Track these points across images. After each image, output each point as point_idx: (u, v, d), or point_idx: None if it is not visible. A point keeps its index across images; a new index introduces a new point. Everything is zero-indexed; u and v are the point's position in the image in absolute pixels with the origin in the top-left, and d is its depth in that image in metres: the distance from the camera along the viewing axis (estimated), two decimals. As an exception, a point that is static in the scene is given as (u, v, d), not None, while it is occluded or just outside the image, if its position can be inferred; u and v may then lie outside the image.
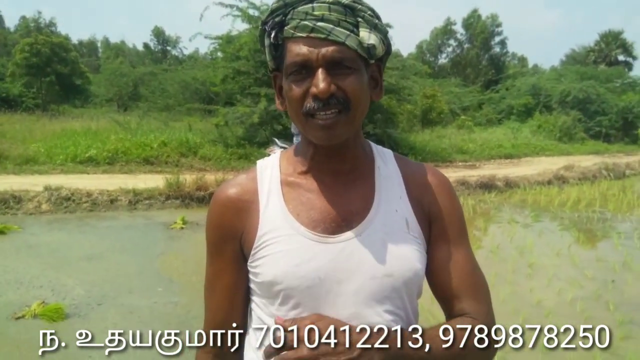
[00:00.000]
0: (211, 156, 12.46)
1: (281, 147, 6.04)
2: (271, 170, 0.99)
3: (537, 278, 5.54)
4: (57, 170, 10.14)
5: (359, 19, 0.88)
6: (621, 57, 42.27)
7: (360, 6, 0.88)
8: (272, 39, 0.91)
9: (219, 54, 16.60)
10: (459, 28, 41.86)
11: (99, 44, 58.11)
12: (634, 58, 42.56)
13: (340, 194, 0.95)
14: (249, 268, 0.96)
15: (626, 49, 42.12)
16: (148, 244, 6.28)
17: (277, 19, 0.89)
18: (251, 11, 13.68)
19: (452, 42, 42.20)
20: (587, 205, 10.08)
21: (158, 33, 51.97)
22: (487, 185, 11.49)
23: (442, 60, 43.12)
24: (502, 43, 40.35)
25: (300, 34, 0.86)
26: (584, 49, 44.40)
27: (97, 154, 11.15)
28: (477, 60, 39.56)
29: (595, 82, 27.44)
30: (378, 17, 0.90)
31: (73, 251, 5.78)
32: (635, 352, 3.77)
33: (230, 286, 0.98)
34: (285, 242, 0.91)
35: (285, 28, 0.88)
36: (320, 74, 0.84)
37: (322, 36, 0.85)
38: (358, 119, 0.91)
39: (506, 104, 27.77)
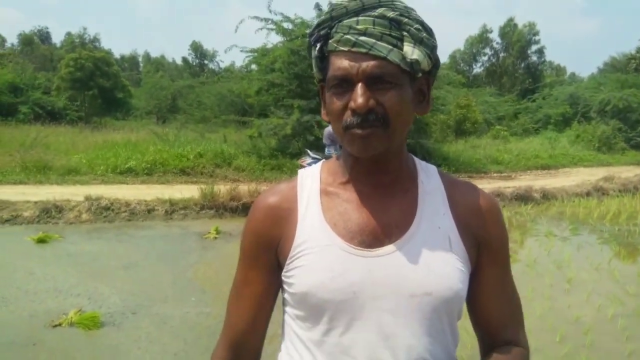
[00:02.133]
0: (245, 167, 12.64)
1: (313, 158, 6.17)
2: (311, 179, 0.99)
3: (576, 293, 5.36)
4: (97, 180, 10.48)
5: (404, 33, 0.86)
6: (664, 64, 40.73)
7: (406, 19, 0.86)
8: (317, 52, 0.92)
9: (254, 66, 16.87)
10: (494, 36, 41.32)
11: (140, 59, 60.02)
12: (679, 64, 40.97)
13: (380, 206, 0.93)
14: (283, 278, 0.95)
15: (670, 55, 40.56)
16: (182, 253, 6.38)
17: (322, 32, 0.90)
18: (285, 24, 13.89)
19: (487, 50, 41.66)
20: (628, 218, 9.70)
21: (196, 47, 53.26)
22: (523, 197, 11.21)
23: (477, 69, 42.60)
24: (540, 52, 39.57)
25: (343, 48, 0.86)
26: (624, 57, 42.97)
27: (136, 164, 11.47)
28: (513, 69, 38.90)
29: (636, 90, 26.51)
30: (427, 30, 0.89)
31: (110, 260, 5.93)
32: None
33: (258, 295, 0.97)
34: (321, 253, 0.89)
35: (330, 41, 0.89)
36: (359, 89, 0.84)
37: (364, 50, 0.84)
38: (398, 134, 0.89)
39: (543, 113, 27.19)
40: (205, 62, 54.52)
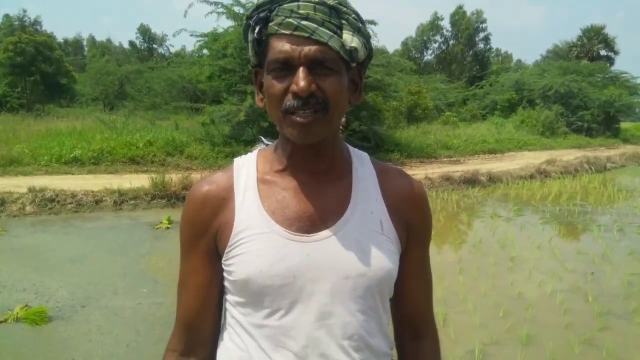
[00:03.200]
0: (198, 155, 12.41)
1: (267, 145, 6.12)
2: (248, 167, 0.99)
3: (518, 271, 5.64)
4: (41, 171, 10.04)
5: (343, 22, 0.87)
6: (603, 52, 42.89)
7: (345, 8, 0.87)
8: (255, 34, 0.90)
9: (205, 51, 16.51)
10: (445, 24, 42.13)
11: (84, 43, 57.47)
12: (615, 53, 43.26)
13: (317, 193, 0.95)
14: (223, 266, 0.95)
15: (608, 44, 42.72)
16: (133, 244, 6.24)
17: (262, 15, 0.89)
18: (236, 8, 13.63)
19: (437, 38, 42.45)
20: (569, 198, 10.25)
21: (144, 31, 51.54)
22: (470, 180, 11.62)
23: (428, 56, 43.38)
24: (486, 39, 40.69)
25: (284, 31, 0.85)
26: (566, 44, 44.94)
27: (82, 154, 11.05)
28: (462, 57, 39.85)
29: (577, 76, 27.82)
30: (362, 22, 0.90)
31: (57, 253, 5.73)
32: (612, 343, 3.86)
33: (203, 284, 0.97)
34: (260, 240, 0.90)
35: (270, 24, 0.88)
36: (301, 72, 0.84)
37: (306, 35, 0.84)
38: (336, 120, 0.90)
39: (490, 99, 28.09)
40: (154, 46, 52.91)
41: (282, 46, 0.85)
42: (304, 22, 0.84)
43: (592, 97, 26.26)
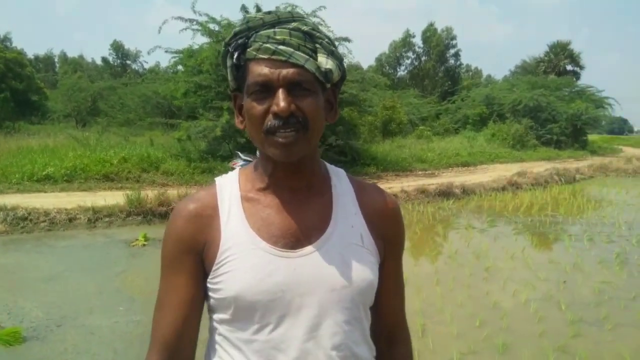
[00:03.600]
0: (174, 171, 12.29)
1: (244, 160, 6.20)
2: (230, 186, 1.02)
3: (493, 281, 5.75)
4: (12, 189, 9.77)
5: (317, 45, 0.92)
6: (569, 67, 44.30)
7: (318, 34, 0.93)
8: (235, 60, 0.94)
9: (180, 67, 16.47)
10: (417, 41, 42.95)
11: (56, 59, 56.52)
12: (581, 68, 44.73)
13: (299, 209, 0.99)
14: (208, 284, 0.96)
15: (573, 59, 44.16)
16: (108, 262, 6.14)
17: (240, 41, 0.93)
18: (211, 25, 13.68)
19: (410, 54, 43.23)
20: (540, 209, 10.50)
21: (117, 47, 51.10)
22: (445, 193, 11.81)
23: (401, 72, 44.12)
24: (457, 55, 41.63)
25: (262, 56, 0.89)
26: (534, 60, 46.26)
27: (54, 171, 10.81)
28: (434, 72, 40.65)
29: (545, 91, 28.59)
30: (334, 45, 0.96)
31: (30, 272, 5.61)
32: (585, 350, 3.97)
33: (186, 301, 0.97)
34: (248, 257, 0.93)
35: (248, 50, 0.92)
36: (281, 93, 0.88)
37: (283, 58, 0.89)
38: (315, 139, 0.95)
39: (462, 114, 28.67)
40: (128, 62, 52.45)
41: (261, 70, 0.90)
42: (281, 47, 0.89)
43: (560, 110, 26.98)
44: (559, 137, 26.15)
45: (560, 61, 43.61)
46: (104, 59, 51.28)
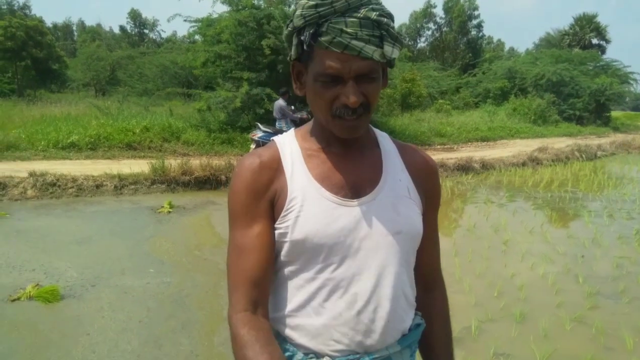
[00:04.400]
0: (194, 141, 12.46)
1: (264, 131, 6.36)
2: (290, 145, 1.13)
3: (512, 254, 5.82)
4: (39, 156, 10.06)
5: (384, 32, 0.98)
6: (595, 41, 43.10)
7: (385, 19, 0.97)
8: (305, 47, 1.00)
9: (198, 37, 16.44)
10: (439, 11, 42.01)
11: (74, 27, 56.69)
12: (607, 41, 43.48)
13: (354, 164, 1.11)
14: (276, 228, 1.06)
15: (599, 32, 42.92)
16: (137, 227, 6.35)
17: (311, 30, 0.98)
18: (232, -6, 13.60)
19: (431, 25, 42.35)
20: (560, 185, 10.46)
21: (134, 16, 51.04)
22: (464, 168, 11.80)
23: (421, 44, 43.31)
24: (479, 27, 40.60)
25: (336, 50, 0.96)
26: (558, 33, 45.11)
27: (79, 139, 11.07)
28: (455, 44, 39.80)
29: (569, 65, 27.97)
30: (395, 29, 1.01)
31: (62, 235, 5.83)
32: (601, 321, 4.04)
33: (268, 243, 1.04)
34: (314, 204, 1.04)
35: (320, 39, 0.97)
36: (351, 87, 0.97)
37: (355, 53, 0.96)
38: (372, 114, 1.07)
39: (483, 87, 28.14)
40: (145, 31, 52.41)
41: (332, 62, 0.97)
42: (354, 42, 0.95)
43: (583, 85, 26.42)
44: (582, 112, 25.70)
45: (586, 34, 42.46)
46: (122, 28, 51.36)
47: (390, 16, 1.01)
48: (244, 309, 1.02)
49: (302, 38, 1.01)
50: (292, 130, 1.19)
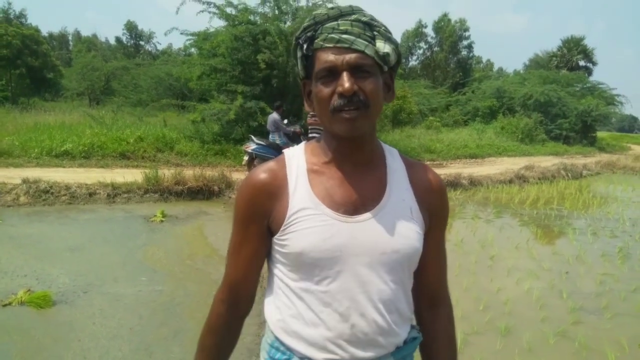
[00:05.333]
0: (188, 152, 12.54)
1: (257, 144, 6.51)
2: (297, 159, 1.16)
3: (498, 269, 5.90)
4: (32, 163, 10.08)
5: (375, 33, 1.05)
6: (582, 63, 43.96)
7: (376, 23, 1.06)
8: (304, 51, 1.08)
9: (193, 50, 16.61)
10: (429, 31, 42.65)
11: (70, 37, 56.73)
12: (594, 64, 44.38)
13: (358, 181, 1.13)
14: (276, 241, 1.12)
15: (586, 54, 43.81)
16: (129, 236, 6.39)
17: (308, 34, 1.07)
18: (228, 9, 13.81)
19: (422, 44, 42.96)
20: (546, 203, 10.62)
21: (130, 27, 51.21)
22: (453, 184, 11.92)
23: (413, 62, 43.86)
24: (469, 47, 41.31)
25: (328, 45, 1.04)
26: (547, 54, 45.91)
27: (72, 147, 11.09)
28: (446, 63, 40.39)
29: (556, 86, 28.37)
30: (390, 33, 1.08)
31: (55, 242, 5.85)
32: (584, 336, 4.11)
33: (251, 255, 1.16)
34: (313, 220, 1.08)
35: (316, 41, 1.06)
36: (345, 75, 1.02)
37: (346, 45, 1.02)
38: (374, 116, 1.08)
39: (472, 106, 28.47)
40: (141, 43, 52.56)
41: (327, 57, 1.04)
42: (344, 36, 1.03)
43: (570, 106, 26.78)
44: (568, 132, 26.02)
45: (573, 56, 43.31)
46: (118, 39, 51.43)
47: (383, 25, 1.09)
48: (223, 299, 1.22)
49: (300, 41, 1.09)
50: (303, 144, 1.24)
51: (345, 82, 1.02)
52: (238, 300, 1.22)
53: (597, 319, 4.60)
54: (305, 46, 1.08)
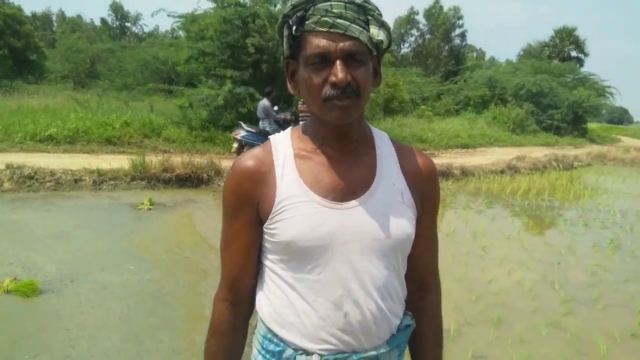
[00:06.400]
0: (175, 138, 12.34)
1: (247, 131, 6.37)
2: (284, 145, 1.12)
3: (489, 260, 5.90)
4: (16, 148, 9.84)
5: (369, 17, 1.01)
6: (574, 53, 44.13)
7: (370, 5, 1.01)
8: (293, 31, 1.02)
9: (181, 32, 16.30)
10: (421, 18, 42.47)
11: (54, 18, 55.63)
12: (585, 54, 44.60)
13: (347, 168, 1.10)
14: (265, 230, 1.09)
15: (578, 45, 43.98)
16: (116, 223, 6.26)
17: (298, 14, 1.01)
18: (217, -9, 13.54)
19: (414, 32, 42.79)
20: (537, 193, 10.66)
21: (116, 8, 50.35)
22: (444, 174, 11.92)
23: (405, 49, 43.71)
24: (462, 35, 41.24)
25: (321, 29, 0.98)
26: (539, 44, 45.98)
27: (57, 132, 10.85)
28: (438, 51, 40.31)
29: (548, 76, 28.48)
30: (382, 16, 1.03)
31: (40, 229, 5.71)
32: (576, 326, 4.14)
33: (246, 245, 1.12)
34: (301, 207, 1.05)
35: (307, 22, 1.00)
36: (339, 65, 0.97)
37: (341, 31, 0.97)
38: (364, 104, 1.06)
39: (464, 95, 28.45)
40: (127, 24, 51.73)
41: (319, 42, 0.98)
42: (339, 21, 0.97)
43: (562, 97, 26.91)
44: (559, 123, 26.18)
45: (565, 47, 43.45)
46: (103, 20, 50.56)
47: (377, 7, 1.04)
48: (224, 299, 1.16)
49: (290, 22, 1.03)
50: (289, 129, 1.19)
51: (339, 72, 0.97)
52: (238, 296, 1.17)
53: (589, 310, 4.62)
54: (294, 26, 1.02)
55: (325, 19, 0.98)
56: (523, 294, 4.88)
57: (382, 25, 1.02)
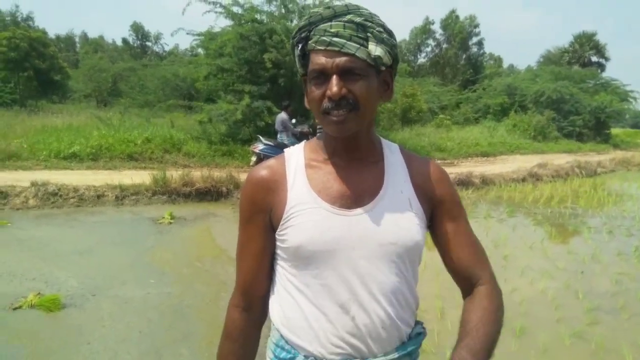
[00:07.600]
0: (195, 153, 12.52)
1: (265, 144, 6.42)
2: (297, 156, 1.19)
3: (512, 269, 5.80)
4: (40, 165, 10.10)
5: (369, 34, 1.06)
6: (594, 59, 43.51)
7: (370, 24, 1.06)
8: (299, 51, 1.12)
9: (200, 50, 16.58)
10: (437, 28, 42.41)
11: (77, 39, 57.19)
12: (606, 59, 43.88)
13: (355, 176, 1.15)
14: (277, 236, 1.15)
15: (599, 50, 43.33)
16: (137, 238, 6.36)
17: (302, 35, 1.10)
18: (234, 8, 13.74)
19: (430, 41, 42.74)
20: (560, 201, 10.47)
21: (137, 28, 51.54)
22: (464, 183, 11.81)
23: (422, 59, 43.66)
24: (480, 44, 41.01)
25: (320, 47, 1.05)
26: (558, 50, 45.48)
27: (80, 149, 11.11)
28: (456, 60, 40.14)
29: (569, 82, 28.06)
30: (388, 32, 1.09)
31: (63, 245, 5.83)
32: (601, 336, 4.03)
33: (259, 251, 1.17)
34: (310, 214, 1.10)
35: (309, 42, 1.08)
36: (334, 79, 1.04)
37: (337, 49, 1.04)
38: (367, 116, 1.10)
39: (483, 103, 28.23)
40: (148, 44, 52.86)
41: (318, 59, 1.06)
42: (335, 39, 1.04)
43: (583, 102, 26.48)
44: (582, 129, 25.73)
45: (585, 52, 42.87)
46: (124, 40, 51.72)
47: (379, 25, 1.08)
48: (237, 304, 1.22)
49: (294, 41, 1.12)
50: (303, 142, 1.26)
51: (334, 86, 1.03)
52: (251, 303, 1.21)
53: (614, 320, 4.51)
54: (299, 46, 1.11)
55: (324, 38, 1.05)
56: (546, 303, 4.79)
57: (382, 41, 1.06)
